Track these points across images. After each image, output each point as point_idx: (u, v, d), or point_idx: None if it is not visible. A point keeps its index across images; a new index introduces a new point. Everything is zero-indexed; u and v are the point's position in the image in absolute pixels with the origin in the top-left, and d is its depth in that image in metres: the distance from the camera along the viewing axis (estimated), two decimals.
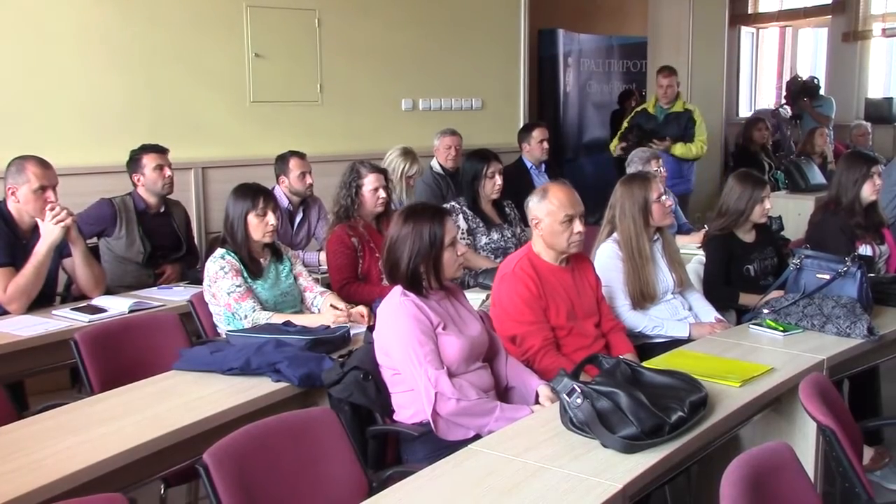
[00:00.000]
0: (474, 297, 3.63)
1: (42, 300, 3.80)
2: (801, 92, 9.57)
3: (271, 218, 3.59)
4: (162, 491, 2.90)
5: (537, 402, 2.82)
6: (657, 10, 8.85)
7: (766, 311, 3.56)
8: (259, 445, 2.26)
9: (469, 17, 6.99)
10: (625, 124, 7.03)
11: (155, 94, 5.35)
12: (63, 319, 3.58)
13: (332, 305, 3.58)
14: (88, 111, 5.12)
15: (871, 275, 3.84)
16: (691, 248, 4.74)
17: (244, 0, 5.66)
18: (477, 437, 2.56)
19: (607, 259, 3.67)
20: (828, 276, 3.64)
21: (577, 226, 3.23)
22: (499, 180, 4.87)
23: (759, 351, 3.20)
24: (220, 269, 3.51)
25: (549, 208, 3.24)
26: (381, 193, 4.24)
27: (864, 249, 4.24)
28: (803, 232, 4.72)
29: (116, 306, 3.74)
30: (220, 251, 3.58)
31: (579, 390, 2.35)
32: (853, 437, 2.50)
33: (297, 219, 5.09)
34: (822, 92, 9.75)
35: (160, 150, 4.51)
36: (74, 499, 1.97)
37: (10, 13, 4.84)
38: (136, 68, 5.28)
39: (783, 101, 10.28)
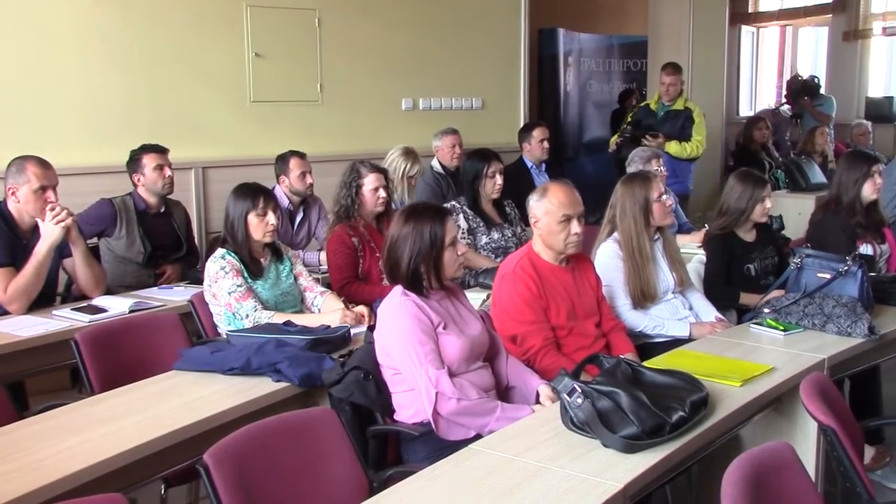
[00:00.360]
0: (475, 297, 3.62)
1: (42, 300, 3.79)
2: (801, 91, 9.57)
3: (272, 217, 3.59)
4: (162, 491, 2.90)
5: (538, 401, 2.82)
6: (657, 9, 8.84)
7: (766, 310, 3.56)
8: (259, 445, 2.26)
9: (469, 17, 6.99)
10: (627, 119, 7.03)
11: (155, 94, 5.35)
12: (63, 319, 3.58)
13: (345, 307, 3.59)
14: (88, 111, 5.12)
15: (872, 274, 3.84)
16: (692, 248, 4.74)
17: (244, 0, 5.67)
18: (477, 436, 2.56)
19: (608, 259, 3.67)
20: (828, 276, 3.64)
21: (575, 226, 3.22)
22: (499, 180, 4.86)
23: (759, 350, 3.20)
24: (220, 269, 3.51)
25: (548, 208, 3.24)
26: (382, 193, 4.23)
27: (865, 249, 4.24)
28: (804, 231, 4.72)
29: (117, 306, 3.73)
30: (220, 251, 3.58)
31: (580, 390, 2.34)
32: (854, 436, 2.50)
33: (298, 218, 5.09)
34: (822, 91, 9.75)
35: (160, 150, 4.51)
36: (75, 499, 1.97)
37: (10, 13, 4.83)
38: (137, 68, 5.28)
39: (783, 100, 10.28)
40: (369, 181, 4.22)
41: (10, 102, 4.84)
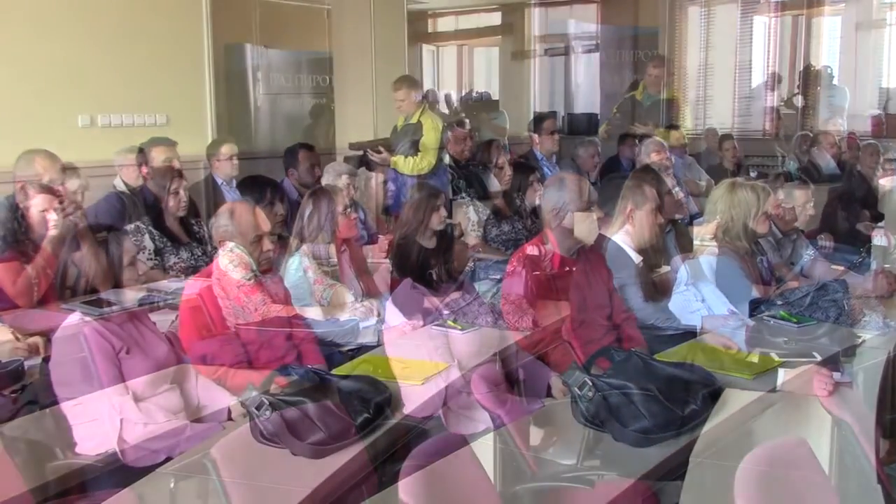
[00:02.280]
0: (484, 290, 3.60)
1: (51, 294, 3.79)
2: (814, 81, 9.50)
3: (280, 208, 3.58)
4: (171, 485, 2.89)
5: (549, 395, 2.80)
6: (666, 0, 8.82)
7: (779, 302, 3.53)
8: None
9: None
10: (614, 110, 7.09)
11: (162, 88, 5.34)
12: (72, 313, 3.56)
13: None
14: (96, 105, 5.11)
15: (887, 265, 3.80)
16: (704, 240, 4.70)
17: None
18: (487, 430, 2.52)
19: (619, 251, 3.64)
20: (842, 267, 3.61)
21: (597, 212, 3.26)
22: (508, 171, 4.85)
23: (772, 343, 3.16)
24: (229, 263, 3.50)
25: (573, 198, 3.24)
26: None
27: (879, 240, 4.20)
28: (817, 223, 4.67)
29: (125, 300, 3.71)
30: (228, 244, 3.56)
31: (591, 384, 2.32)
32: (869, 430, 2.47)
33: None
34: (835, 81, 9.67)
35: (169, 144, 4.51)
36: (82, 495, 1.96)
37: (16, 10, 4.82)
38: (144, 62, 5.26)
39: (796, 90, 10.21)
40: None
41: (17, 99, 4.83)
